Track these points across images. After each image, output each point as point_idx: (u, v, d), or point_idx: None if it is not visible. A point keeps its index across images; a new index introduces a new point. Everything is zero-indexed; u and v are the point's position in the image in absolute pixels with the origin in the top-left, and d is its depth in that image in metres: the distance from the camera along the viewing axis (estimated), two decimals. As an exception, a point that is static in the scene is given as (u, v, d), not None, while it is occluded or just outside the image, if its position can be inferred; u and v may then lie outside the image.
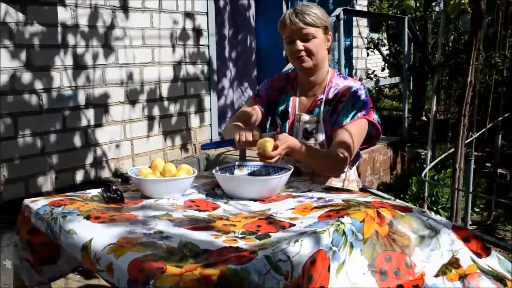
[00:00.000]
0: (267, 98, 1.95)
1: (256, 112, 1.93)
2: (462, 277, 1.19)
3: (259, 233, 1.18)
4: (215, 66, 4.27)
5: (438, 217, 1.32)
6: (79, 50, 3.26)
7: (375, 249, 1.15)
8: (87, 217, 1.26)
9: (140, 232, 1.15)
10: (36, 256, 1.52)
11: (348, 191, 1.57)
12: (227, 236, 1.16)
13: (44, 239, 1.41)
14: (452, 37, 7.06)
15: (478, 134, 3.57)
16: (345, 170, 1.84)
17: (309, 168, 1.81)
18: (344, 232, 1.11)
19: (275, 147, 1.55)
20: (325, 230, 1.09)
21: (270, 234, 1.16)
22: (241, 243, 1.10)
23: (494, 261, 1.25)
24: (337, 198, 1.41)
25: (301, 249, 1.02)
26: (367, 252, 1.14)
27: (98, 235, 1.14)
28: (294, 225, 1.22)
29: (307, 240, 1.05)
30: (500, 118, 3.87)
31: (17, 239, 1.53)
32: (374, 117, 1.81)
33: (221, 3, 4.67)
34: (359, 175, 2.11)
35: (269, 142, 1.55)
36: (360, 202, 1.34)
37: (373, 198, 1.42)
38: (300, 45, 1.76)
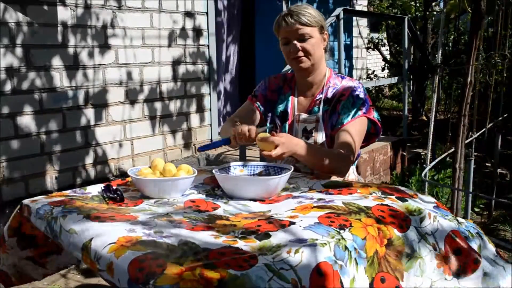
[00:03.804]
0: (263, 98, 1.95)
1: (253, 112, 1.94)
2: None
3: (259, 233, 1.17)
4: (215, 66, 4.28)
5: (432, 225, 1.32)
6: (79, 50, 3.26)
7: (375, 268, 1.16)
8: (87, 217, 1.26)
9: (141, 231, 1.15)
10: (39, 250, 1.53)
11: (348, 185, 1.56)
12: (227, 237, 1.15)
13: None
14: (452, 37, 7.06)
15: (478, 134, 3.57)
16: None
17: (308, 168, 1.81)
18: (346, 247, 1.11)
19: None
20: (325, 244, 1.09)
21: (270, 233, 1.16)
22: (241, 244, 1.10)
23: (477, 276, 1.30)
24: (337, 200, 1.41)
25: (303, 260, 1.02)
26: (369, 271, 1.14)
27: (98, 234, 1.14)
28: (294, 223, 1.22)
29: (307, 251, 1.05)
30: (500, 118, 3.88)
31: (11, 242, 1.52)
32: (374, 114, 1.81)
33: (221, 3, 4.67)
34: (359, 175, 2.10)
35: (268, 136, 1.55)
36: (360, 207, 1.33)
37: (373, 198, 1.41)
38: (296, 45, 1.76)
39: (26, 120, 3.01)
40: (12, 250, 1.53)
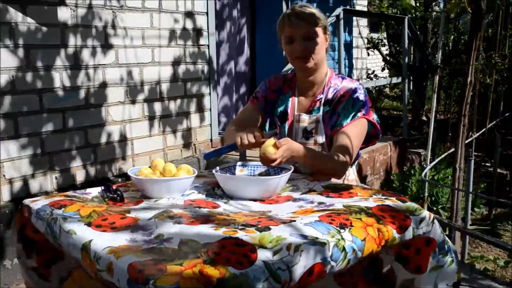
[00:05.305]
0: (264, 99, 1.96)
1: (255, 114, 1.94)
2: None
3: (260, 226, 1.17)
4: (215, 66, 4.27)
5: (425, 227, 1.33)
6: (79, 50, 3.26)
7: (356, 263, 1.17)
8: (88, 224, 1.25)
9: (141, 240, 1.13)
10: (44, 256, 1.50)
11: (349, 188, 1.56)
12: (227, 227, 1.15)
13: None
14: (452, 37, 7.06)
15: (478, 134, 3.57)
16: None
17: (307, 169, 1.81)
18: (344, 249, 1.11)
19: (277, 148, 1.56)
20: (325, 243, 1.09)
21: (271, 226, 1.17)
22: (241, 234, 1.10)
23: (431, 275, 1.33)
24: (338, 203, 1.41)
25: (301, 260, 1.03)
26: (352, 266, 1.15)
27: (98, 241, 1.14)
28: (294, 221, 1.22)
29: (307, 249, 1.05)
30: (500, 118, 3.88)
31: (19, 248, 1.51)
32: (374, 116, 1.81)
33: (221, 3, 4.67)
34: (359, 176, 2.11)
35: (271, 147, 1.55)
36: (361, 207, 1.33)
37: (374, 199, 1.42)
38: (301, 44, 1.76)
39: (26, 120, 3.01)
40: (20, 259, 1.52)
